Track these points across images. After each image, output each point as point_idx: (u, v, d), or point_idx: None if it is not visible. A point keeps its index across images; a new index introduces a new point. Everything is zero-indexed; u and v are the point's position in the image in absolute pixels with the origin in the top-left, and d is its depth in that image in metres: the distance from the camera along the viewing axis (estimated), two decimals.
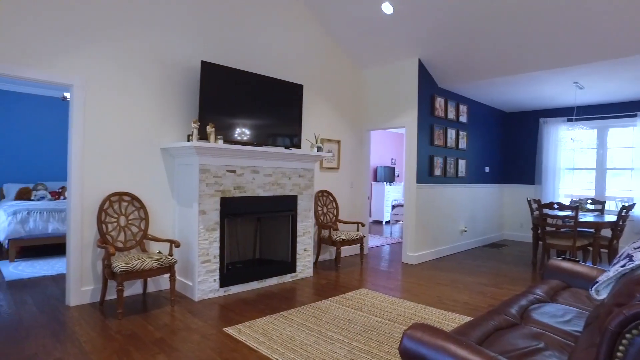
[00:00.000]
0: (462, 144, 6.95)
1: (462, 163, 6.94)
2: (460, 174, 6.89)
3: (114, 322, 3.40)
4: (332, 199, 6.02)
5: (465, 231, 7.09)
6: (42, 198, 6.81)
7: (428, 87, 6.11)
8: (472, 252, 6.88)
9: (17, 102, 7.36)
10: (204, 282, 4.04)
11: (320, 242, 5.75)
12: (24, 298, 3.99)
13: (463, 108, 6.94)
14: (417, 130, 5.89)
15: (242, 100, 4.53)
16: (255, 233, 5.11)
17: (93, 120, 3.87)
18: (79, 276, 3.82)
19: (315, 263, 5.76)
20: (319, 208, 5.79)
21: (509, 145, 8.47)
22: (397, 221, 10.17)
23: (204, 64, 4.21)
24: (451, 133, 6.65)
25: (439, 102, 6.33)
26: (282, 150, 4.57)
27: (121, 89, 4.03)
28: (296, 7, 5.56)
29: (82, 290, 3.84)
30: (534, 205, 7.22)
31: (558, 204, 5.12)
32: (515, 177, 8.36)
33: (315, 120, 5.87)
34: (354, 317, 3.58)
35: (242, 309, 3.78)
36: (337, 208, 6.02)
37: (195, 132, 3.97)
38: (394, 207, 9.14)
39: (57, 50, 3.65)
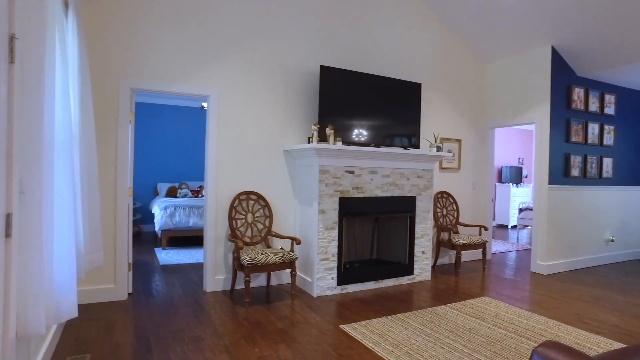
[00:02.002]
0: (608, 139, 6.03)
1: (607, 162, 6.03)
2: (605, 175, 6.00)
3: (242, 309, 3.73)
4: (452, 201, 5.74)
5: (612, 241, 6.14)
6: (185, 196, 7.79)
7: (563, 76, 5.45)
8: (622, 266, 5.93)
9: (165, 114, 8.55)
10: (322, 279, 4.20)
11: (439, 245, 5.53)
12: (173, 281, 4.61)
13: (609, 98, 6.03)
14: (550, 125, 5.29)
15: (360, 102, 4.58)
16: (373, 233, 5.13)
17: (225, 126, 4.30)
18: (214, 266, 4.28)
19: (434, 266, 5.56)
20: (438, 210, 5.57)
21: None
22: (524, 226, 9.27)
23: (323, 68, 4.37)
24: (593, 127, 5.83)
25: (577, 92, 5.59)
26: (400, 150, 4.50)
27: (249, 96, 4.41)
28: (413, 3, 5.44)
29: (215, 278, 4.29)
30: None
31: None
32: None
33: (435, 119, 5.67)
34: (475, 327, 3.36)
35: (358, 308, 3.83)
36: (457, 210, 5.73)
37: (315, 134, 4.14)
38: (521, 210, 8.37)
39: (196, 67, 4.15)
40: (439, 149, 4.92)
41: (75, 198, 2.46)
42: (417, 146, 4.95)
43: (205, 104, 7.71)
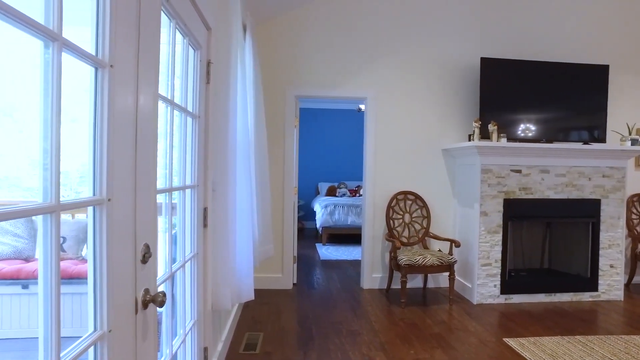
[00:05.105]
0: None
1: None
2: None
3: (397, 309, 3.74)
4: None
5: None
6: (343, 195, 8.18)
7: None
8: None
9: (325, 117, 9.13)
10: (483, 286, 3.92)
11: (636, 260, 4.59)
12: (332, 275, 4.90)
13: None
14: None
15: (527, 93, 4.13)
16: (544, 240, 4.56)
17: (382, 126, 4.37)
18: (371, 264, 4.39)
19: (628, 284, 4.64)
20: (634, 216, 4.63)
21: None
22: None
23: (484, 61, 4.08)
24: None
25: None
26: (578, 146, 3.91)
27: (405, 95, 4.39)
28: None
29: (372, 276, 4.39)
30: None
31: None
32: None
33: (628, 106, 4.72)
34: None
35: (525, 322, 3.45)
36: None
37: (477, 131, 3.90)
38: None
39: (353, 71, 4.32)
40: (634, 142, 4.09)
41: (251, 196, 2.83)
42: (602, 140, 4.21)
43: (362, 106, 7.96)
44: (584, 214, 4.06)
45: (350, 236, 7.80)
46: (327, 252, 6.29)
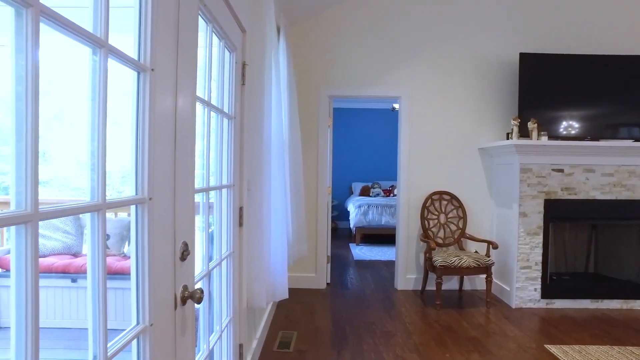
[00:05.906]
0: None
1: None
2: None
3: (432, 311, 3.67)
4: None
5: None
6: (377, 195, 8.12)
7: None
8: None
9: (358, 117, 9.09)
10: (522, 289, 3.78)
11: None
12: (365, 275, 4.87)
13: None
14: None
15: (570, 89, 3.95)
16: (589, 243, 4.35)
17: (417, 125, 4.30)
18: (405, 264, 4.33)
19: None
20: None
21: None
22: None
23: (523, 56, 3.94)
24: None
25: None
26: (629, 143, 3.71)
27: (440, 94, 4.30)
28: None
29: (406, 277, 4.33)
30: None
31: None
32: None
33: None
34: None
35: (568, 329, 3.31)
36: None
37: (515, 129, 3.78)
38: None
39: (388, 70, 4.28)
40: None
41: (286, 195, 2.86)
42: None
43: (396, 105, 7.88)
44: (635, 216, 3.84)
45: (384, 236, 7.72)
46: (361, 252, 6.27)
